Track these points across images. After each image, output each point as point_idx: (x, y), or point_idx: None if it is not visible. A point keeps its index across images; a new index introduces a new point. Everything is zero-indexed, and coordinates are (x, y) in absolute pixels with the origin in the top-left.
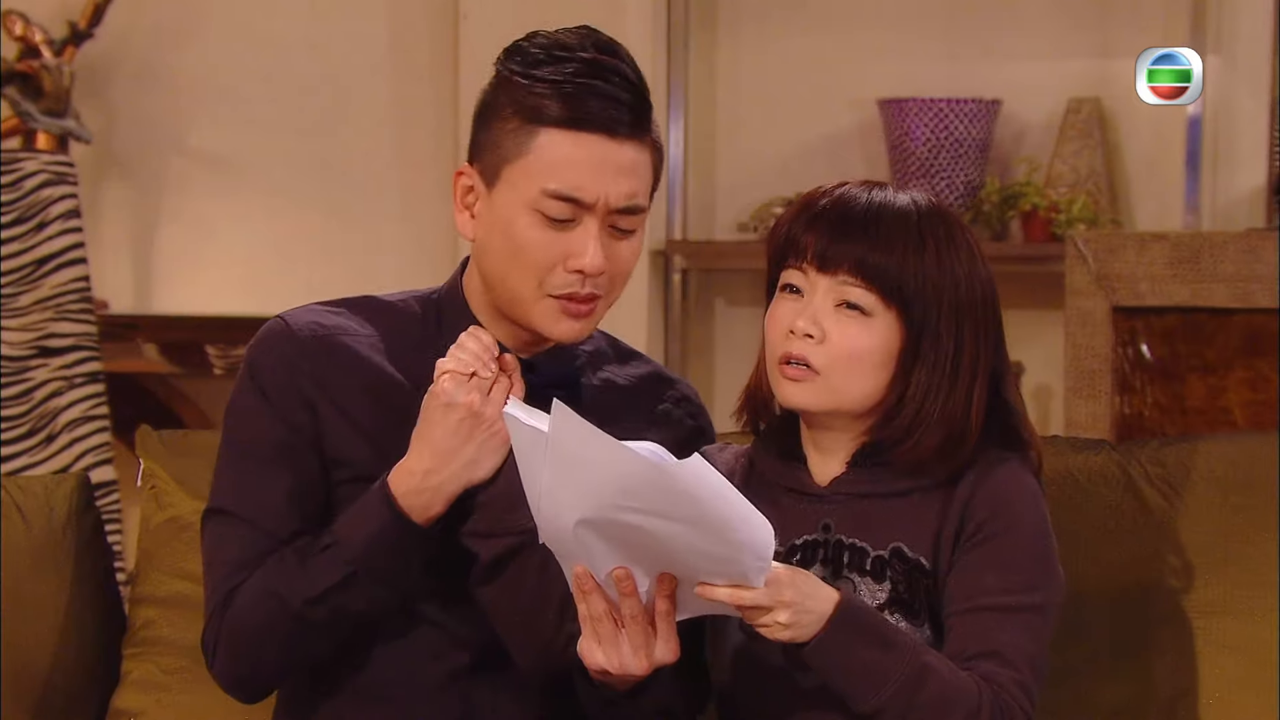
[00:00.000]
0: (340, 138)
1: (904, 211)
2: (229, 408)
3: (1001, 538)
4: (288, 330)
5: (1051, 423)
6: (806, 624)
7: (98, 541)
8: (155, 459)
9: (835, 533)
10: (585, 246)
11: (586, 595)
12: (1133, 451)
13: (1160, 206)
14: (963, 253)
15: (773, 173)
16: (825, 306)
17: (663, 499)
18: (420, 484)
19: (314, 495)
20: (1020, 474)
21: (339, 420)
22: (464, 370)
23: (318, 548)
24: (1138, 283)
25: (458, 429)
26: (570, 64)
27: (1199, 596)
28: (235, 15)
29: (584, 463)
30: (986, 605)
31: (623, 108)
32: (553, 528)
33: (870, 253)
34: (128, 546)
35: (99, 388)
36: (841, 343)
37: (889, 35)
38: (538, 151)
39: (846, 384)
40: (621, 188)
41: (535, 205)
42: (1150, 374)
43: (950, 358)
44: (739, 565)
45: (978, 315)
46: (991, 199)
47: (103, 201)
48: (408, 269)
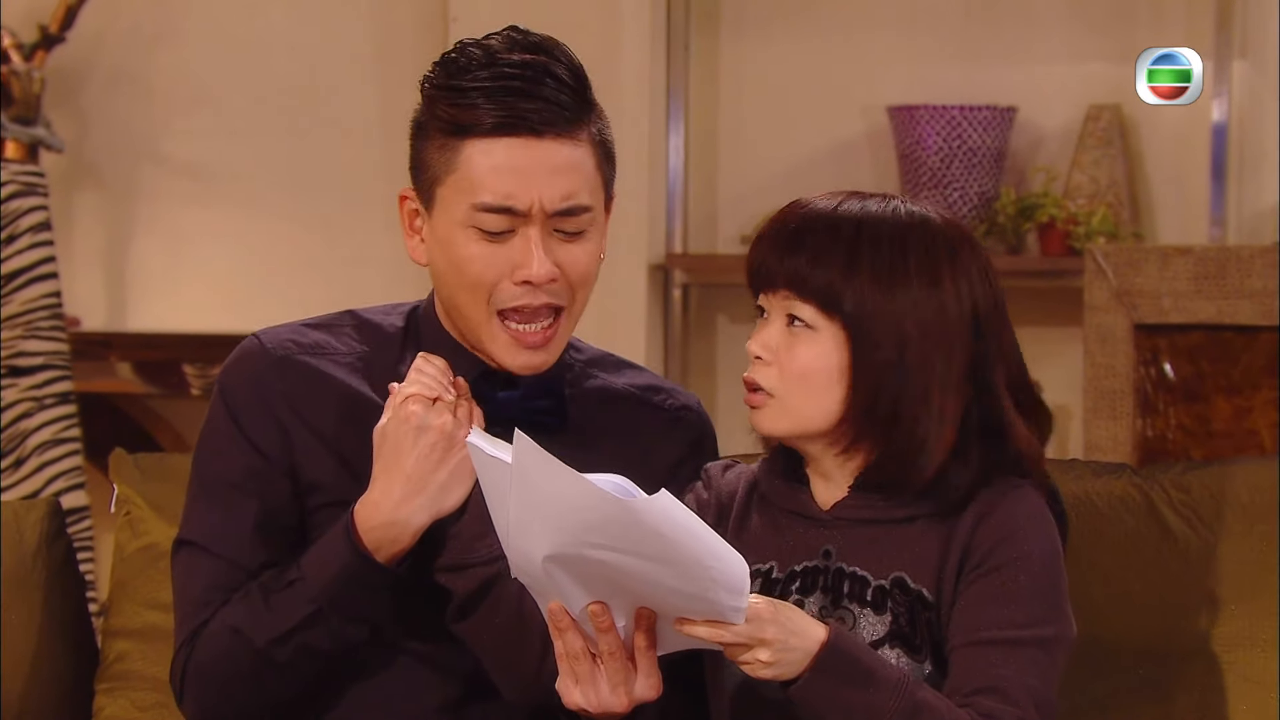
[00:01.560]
0: (324, 146)
1: (845, 219)
2: (201, 433)
3: (1007, 569)
4: (261, 349)
5: (1070, 446)
6: (791, 662)
7: (69, 571)
8: (130, 484)
9: (836, 560)
10: (528, 255)
11: (562, 632)
12: (1155, 476)
13: (1184, 219)
14: (916, 251)
15: (777, 183)
16: (778, 326)
17: (628, 535)
18: (390, 516)
19: (285, 523)
20: (1030, 501)
21: (313, 443)
22: (429, 394)
23: (283, 583)
24: (1160, 299)
25: (430, 454)
26: (494, 68)
27: (1225, 629)
28: (213, 18)
29: (547, 497)
30: (989, 639)
31: (551, 106)
32: (523, 562)
33: (803, 265)
34: (100, 576)
35: (70, 409)
36: (789, 363)
37: (900, 38)
38: (464, 165)
39: (801, 404)
40: (557, 189)
41: (469, 222)
42: (1173, 395)
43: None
44: (714, 604)
45: (942, 329)
46: (1007, 211)
47: (74, 213)
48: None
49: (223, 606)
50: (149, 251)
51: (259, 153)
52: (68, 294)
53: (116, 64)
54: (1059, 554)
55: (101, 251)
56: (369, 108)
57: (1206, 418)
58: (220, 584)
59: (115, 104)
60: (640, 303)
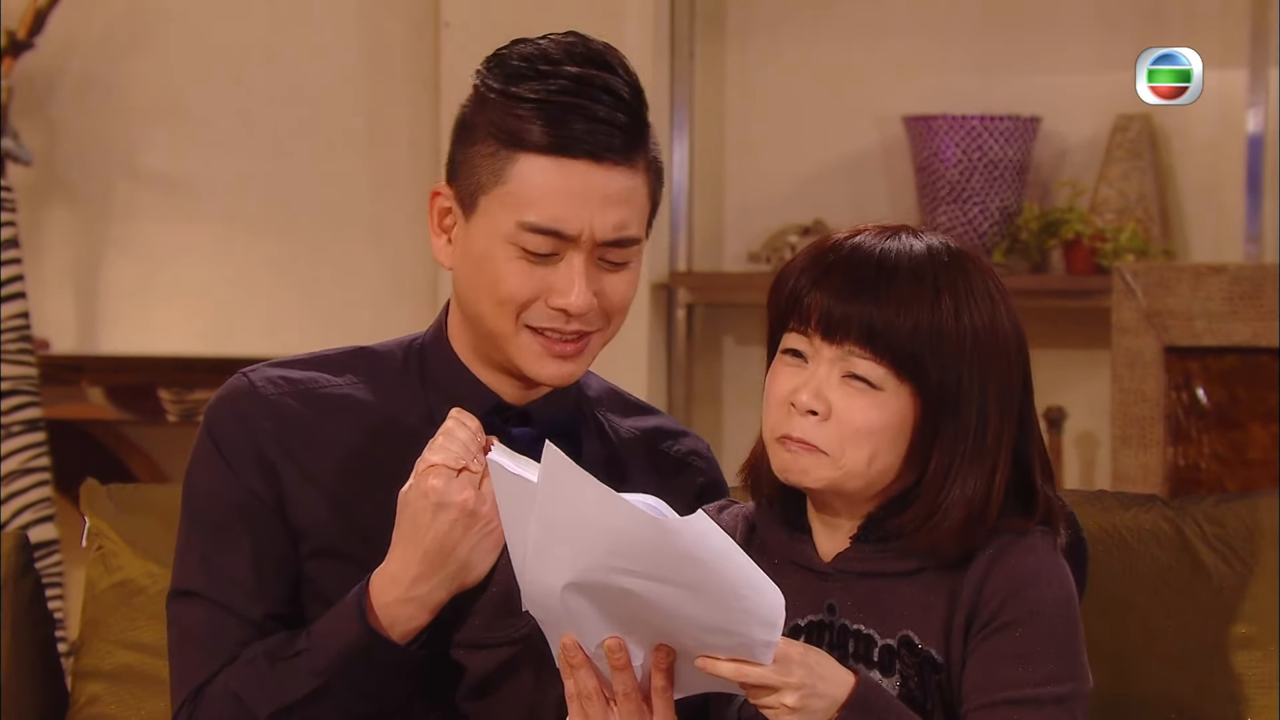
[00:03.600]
0: (308, 159)
1: (919, 265)
2: (187, 474)
3: (1020, 625)
4: (249, 387)
5: (1097, 476)
6: (816, 709)
7: (37, 608)
8: (102, 516)
9: (840, 616)
10: (570, 284)
11: (575, 670)
12: (1187, 508)
13: (1218, 235)
14: (983, 303)
15: (787, 197)
16: (831, 378)
17: (661, 560)
18: (406, 593)
19: (284, 567)
20: (1041, 550)
21: (305, 488)
22: (454, 465)
23: (290, 651)
24: (1193, 320)
25: (450, 531)
26: (553, 80)
27: (1261, 670)
28: (191, 23)
29: (575, 516)
30: (1005, 699)
31: (612, 130)
32: (539, 592)
33: (880, 320)
34: (70, 614)
35: (39, 436)
36: (849, 419)
37: (916, 44)
38: (515, 180)
39: (855, 463)
40: (609, 218)
41: (513, 239)
42: (1206, 421)
43: (972, 433)
44: (744, 638)
45: (1002, 376)
46: (1030, 226)
47: (43, 229)
48: (383, 304)
49: (227, 666)
50: (122, 270)
51: (239, 166)
52: (36, 315)
53: (88, 71)
54: (1074, 603)
55: (72, 270)
56: (356, 118)
57: (1242, 446)
58: (221, 634)
59: (87, 114)
60: (642, 323)
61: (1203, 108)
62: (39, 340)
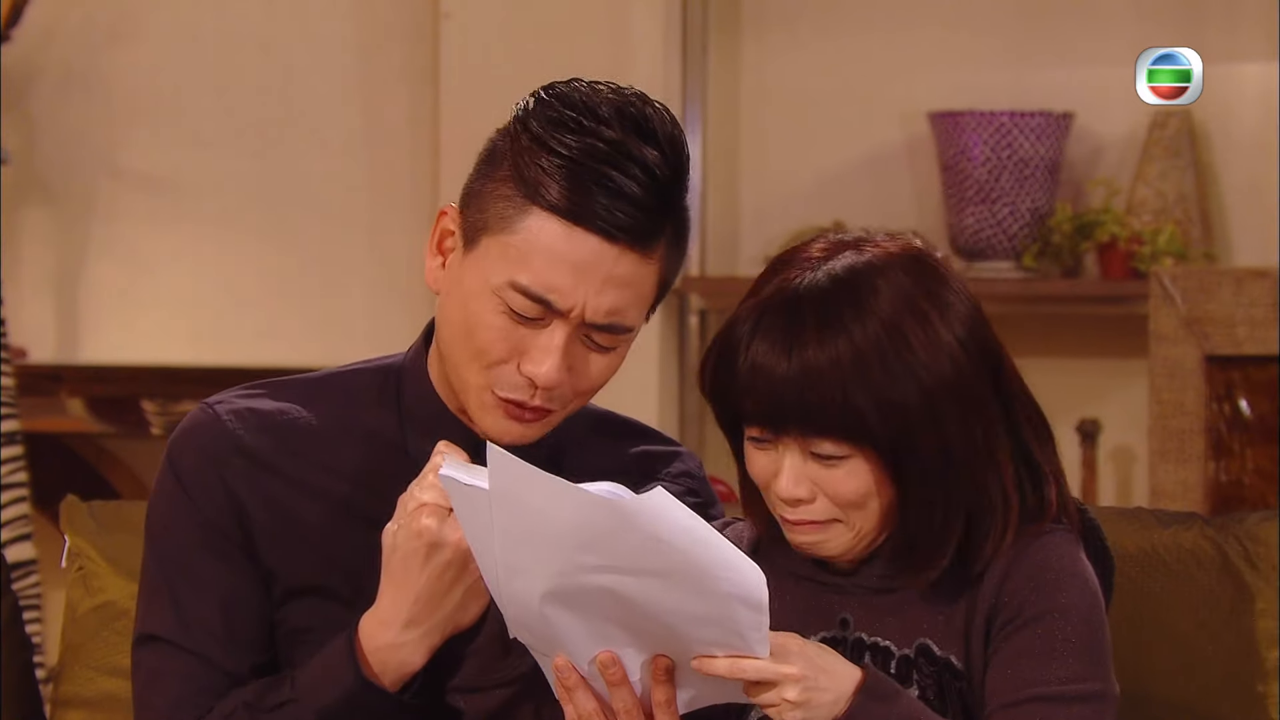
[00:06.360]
0: (300, 158)
1: (827, 316)
2: (149, 511)
3: (1044, 621)
4: (212, 419)
5: (1134, 492)
6: (821, 704)
7: (14, 631)
8: (83, 534)
9: (854, 630)
10: (544, 356)
11: (571, 692)
12: (1229, 527)
13: (1261, 238)
14: (913, 328)
15: (805, 198)
16: (802, 458)
17: (627, 548)
18: (398, 638)
19: (257, 611)
20: (1063, 546)
21: (274, 526)
22: (446, 503)
23: (273, 702)
24: (1235, 327)
25: (444, 572)
26: (590, 138)
27: None
28: (178, 13)
29: (532, 514)
30: (1030, 696)
31: (634, 211)
32: (520, 611)
33: (814, 402)
34: (49, 638)
35: (16, 450)
36: (835, 492)
37: (942, 37)
38: (523, 234)
39: (865, 522)
40: (604, 302)
41: (501, 293)
42: (1249, 434)
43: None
44: (731, 625)
45: (958, 392)
46: (1063, 229)
47: (21, 231)
48: (377, 311)
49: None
50: (104, 274)
51: (228, 165)
52: (13, 322)
53: (68, 65)
54: (1099, 603)
55: (51, 274)
56: (350, 115)
57: None
58: (194, 685)
59: (67, 110)
60: (654, 330)
61: (1246, 103)
62: (16, 349)
